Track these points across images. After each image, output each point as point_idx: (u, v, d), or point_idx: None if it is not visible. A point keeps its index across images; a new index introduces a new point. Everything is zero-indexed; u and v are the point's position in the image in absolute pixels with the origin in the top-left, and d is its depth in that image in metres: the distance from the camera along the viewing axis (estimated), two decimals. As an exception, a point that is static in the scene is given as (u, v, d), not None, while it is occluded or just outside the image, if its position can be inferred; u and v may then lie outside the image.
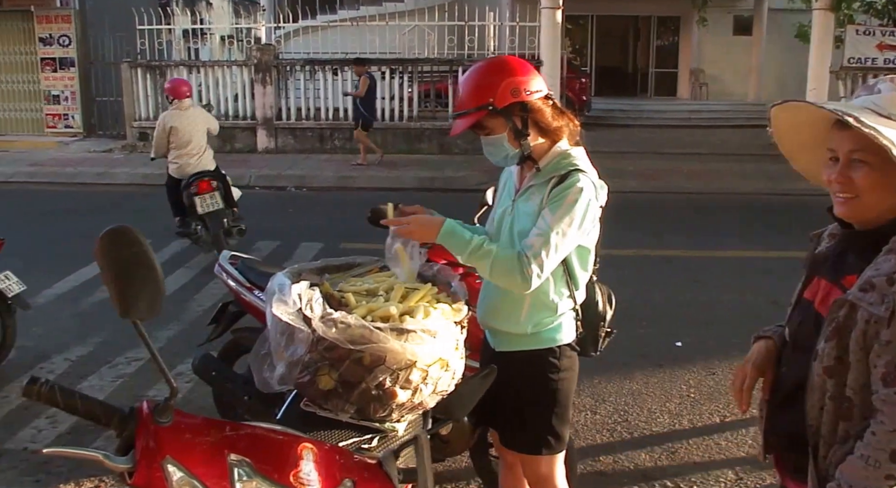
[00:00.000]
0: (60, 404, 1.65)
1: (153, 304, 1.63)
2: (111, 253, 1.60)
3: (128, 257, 1.59)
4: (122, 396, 4.99)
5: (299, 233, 9.16)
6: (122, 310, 1.61)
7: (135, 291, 1.60)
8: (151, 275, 1.62)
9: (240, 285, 4.14)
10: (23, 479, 4.05)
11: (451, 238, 2.46)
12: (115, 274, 1.60)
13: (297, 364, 2.17)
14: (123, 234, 1.61)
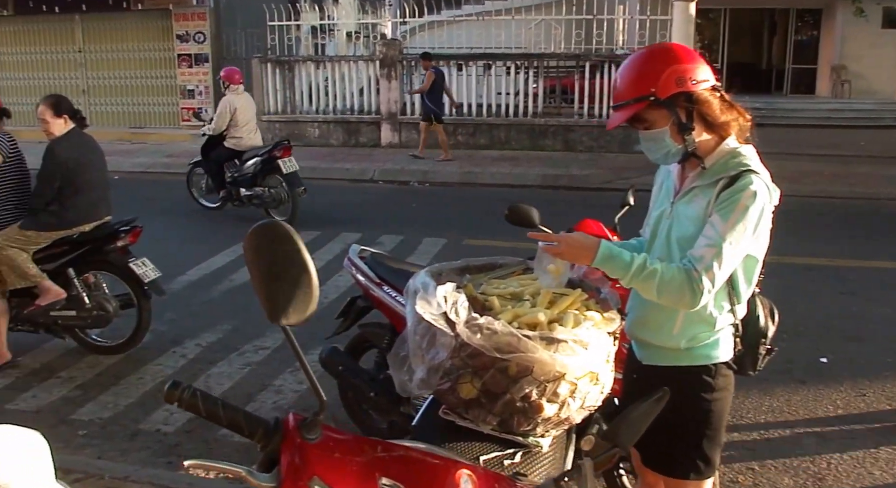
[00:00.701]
0: (202, 412, 1.56)
1: (305, 309, 1.51)
2: (261, 250, 1.50)
3: (279, 255, 1.49)
4: (249, 384, 5.05)
5: (422, 228, 9.14)
6: (271, 313, 1.51)
7: (286, 294, 1.49)
8: (304, 277, 1.50)
9: (369, 280, 4.09)
10: (155, 460, 4.14)
11: (610, 262, 2.24)
12: (264, 273, 1.50)
13: (437, 369, 2.07)
14: (275, 230, 1.49)
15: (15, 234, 5.20)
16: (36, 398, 4.91)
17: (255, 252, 1.51)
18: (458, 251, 8.01)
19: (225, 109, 9.79)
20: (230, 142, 9.84)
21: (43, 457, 1.82)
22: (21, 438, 1.78)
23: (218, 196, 10.08)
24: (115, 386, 5.06)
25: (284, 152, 9.50)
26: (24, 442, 1.79)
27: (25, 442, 1.79)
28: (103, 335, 5.72)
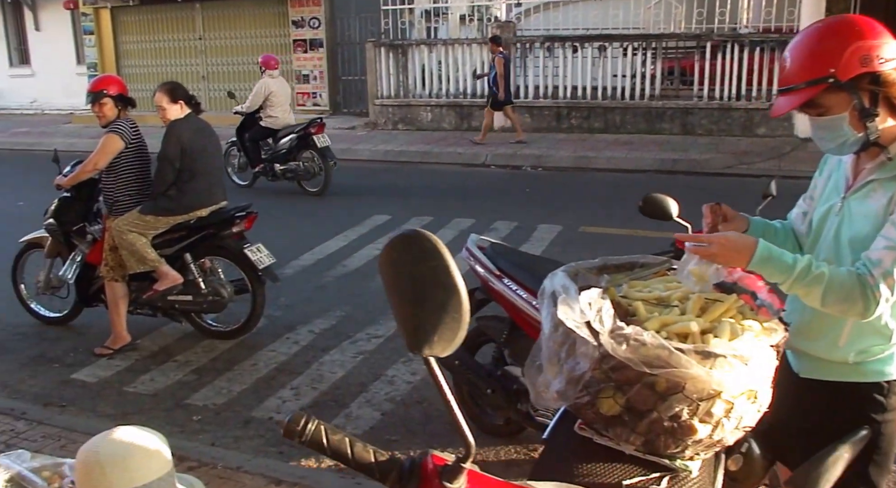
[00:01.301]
0: (327, 450, 1.36)
1: (452, 338, 1.25)
2: (401, 266, 1.26)
3: (423, 273, 1.24)
4: (361, 373, 4.96)
5: (536, 214, 8.90)
6: (412, 342, 1.27)
7: (430, 319, 1.24)
8: (453, 300, 1.24)
9: (488, 272, 3.91)
10: (268, 449, 4.09)
11: (769, 264, 1.98)
12: (404, 294, 1.26)
13: (577, 381, 1.87)
14: (419, 243, 1.24)
15: (135, 219, 5.25)
16: (153, 381, 4.96)
17: (394, 268, 1.27)
18: (575, 239, 7.75)
19: (260, 91, 10.62)
20: (267, 121, 10.70)
21: (165, 456, 1.80)
22: (144, 440, 1.77)
23: (251, 172, 10.94)
24: (229, 372, 5.06)
25: (318, 129, 10.34)
26: (148, 443, 1.77)
27: (149, 444, 1.77)
28: (218, 320, 5.75)
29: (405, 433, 4.23)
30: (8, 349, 5.54)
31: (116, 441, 1.75)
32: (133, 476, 1.73)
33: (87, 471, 1.73)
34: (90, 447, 1.76)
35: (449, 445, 4.08)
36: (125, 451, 1.74)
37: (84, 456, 1.75)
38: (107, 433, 1.79)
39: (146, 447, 1.77)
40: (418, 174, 12.14)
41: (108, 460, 1.72)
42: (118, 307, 5.45)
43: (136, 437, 1.78)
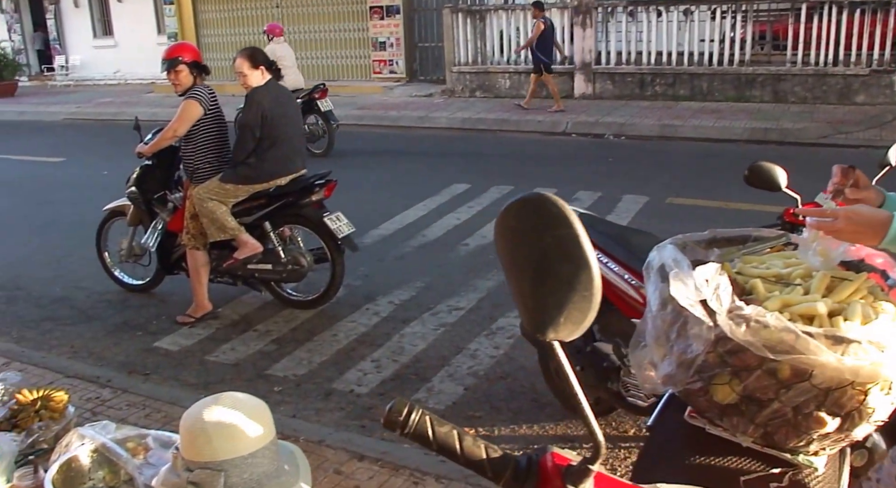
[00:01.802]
0: (433, 444, 1.20)
1: (581, 319, 1.06)
2: (522, 236, 1.07)
3: (548, 244, 1.05)
4: (443, 346, 4.86)
5: (621, 184, 8.62)
6: (533, 322, 1.08)
7: (556, 298, 1.06)
8: (582, 276, 1.05)
9: (577, 244, 3.74)
10: (349, 423, 4.03)
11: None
12: (525, 268, 1.07)
13: (689, 365, 1.70)
14: (544, 208, 1.05)
15: (215, 187, 5.23)
16: (234, 351, 4.96)
17: (512, 238, 1.08)
18: (662, 210, 7.48)
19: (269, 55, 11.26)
20: None
21: (269, 424, 1.75)
22: (250, 407, 1.72)
23: None
24: (309, 343, 5.02)
25: (322, 94, 11.04)
26: (253, 410, 1.72)
27: (254, 411, 1.72)
28: (297, 289, 5.71)
29: (489, 409, 4.11)
30: (93, 316, 5.62)
31: (222, 408, 1.70)
32: (238, 444, 1.67)
33: (192, 438, 1.68)
34: (196, 413, 1.70)
35: (534, 423, 3.95)
36: (231, 419, 1.68)
37: (189, 423, 1.69)
38: (212, 399, 1.73)
39: (252, 415, 1.71)
40: (496, 142, 11.95)
41: (214, 428, 1.66)
42: (199, 275, 5.46)
43: (241, 405, 1.72)
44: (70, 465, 2.57)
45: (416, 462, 3.44)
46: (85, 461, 2.62)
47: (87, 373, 4.45)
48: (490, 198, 8.26)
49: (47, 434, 3.61)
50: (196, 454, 1.67)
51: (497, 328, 5.07)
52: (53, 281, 6.36)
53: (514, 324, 5.10)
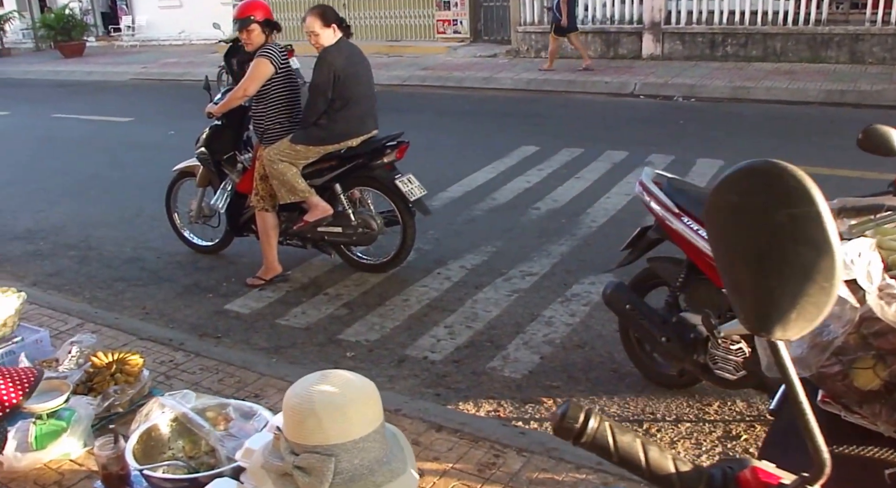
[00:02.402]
0: (614, 455, 1.05)
1: (815, 315, 0.89)
2: (748, 214, 0.90)
3: (783, 225, 0.88)
4: (517, 313, 4.73)
5: (693, 147, 8.32)
6: (757, 317, 0.92)
7: (788, 288, 0.89)
8: (822, 264, 0.87)
9: (666, 210, 3.55)
10: (424, 391, 3.93)
11: None
12: (748, 253, 0.91)
13: (825, 347, 1.53)
14: (780, 180, 0.88)
15: (285, 148, 5.14)
16: (305, 314, 4.89)
17: (734, 216, 0.92)
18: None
19: None
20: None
21: (379, 406, 1.67)
22: (361, 389, 1.63)
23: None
24: (380, 307, 4.93)
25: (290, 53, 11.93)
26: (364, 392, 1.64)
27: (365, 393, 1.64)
28: (367, 252, 5.62)
29: (567, 379, 3.98)
30: (164, 278, 5.62)
31: (331, 388, 1.59)
32: (350, 428, 1.57)
33: (299, 420, 1.57)
34: (303, 393, 1.59)
35: (615, 395, 3.81)
36: (342, 400, 1.57)
37: (296, 403, 1.58)
38: (319, 376, 1.63)
39: (362, 396, 1.61)
40: (563, 104, 11.66)
41: (324, 409, 1.56)
42: (269, 237, 5.40)
43: (351, 385, 1.62)
44: (150, 434, 2.51)
45: (495, 434, 3.32)
46: (164, 430, 2.56)
47: (159, 336, 4.42)
48: (560, 160, 8.05)
49: (123, 398, 3.59)
50: (304, 437, 1.55)
51: (572, 295, 4.92)
52: (124, 241, 6.39)
53: (590, 291, 4.94)
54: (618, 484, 2.94)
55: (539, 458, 3.13)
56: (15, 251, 6.29)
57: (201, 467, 2.43)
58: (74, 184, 8.30)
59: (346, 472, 1.55)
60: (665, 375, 3.84)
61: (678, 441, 3.42)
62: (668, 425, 3.55)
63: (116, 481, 2.41)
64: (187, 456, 2.53)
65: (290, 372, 3.97)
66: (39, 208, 7.40)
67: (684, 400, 3.74)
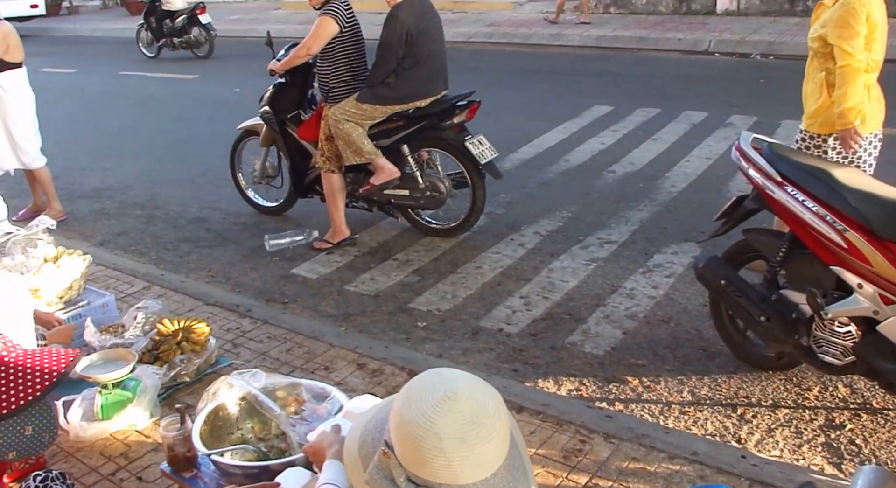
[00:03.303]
0: None
1: None
2: None
3: None
4: (596, 284, 4.49)
5: (776, 108, 7.85)
6: None
7: None
8: None
9: (767, 178, 3.25)
10: (500, 366, 3.73)
11: None
12: None
13: None
14: None
15: (351, 108, 4.93)
16: (374, 281, 4.72)
17: None
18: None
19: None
20: (166, 5, 13.99)
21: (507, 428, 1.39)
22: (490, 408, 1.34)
23: (156, 46, 14.41)
24: (452, 275, 4.73)
25: (202, 10, 13.67)
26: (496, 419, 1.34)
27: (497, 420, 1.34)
28: (435, 216, 5.42)
29: (653, 357, 3.74)
30: (230, 240, 5.50)
31: (462, 419, 1.30)
32: (483, 468, 1.31)
33: (422, 458, 1.31)
34: (425, 425, 1.31)
35: (705, 376, 3.57)
36: (476, 438, 1.30)
37: (418, 437, 1.30)
38: (442, 400, 1.32)
39: (496, 424, 1.33)
40: (634, 62, 11.20)
41: (454, 449, 1.29)
42: (335, 200, 5.23)
43: (483, 412, 1.32)
44: (217, 414, 2.36)
45: (580, 417, 3.12)
46: (233, 410, 2.41)
47: (226, 301, 4.30)
48: (635, 121, 7.70)
49: (189, 367, 3.47)
50: (428, 473, 1.31)
51: (654, 265, 4.65)
52: (190, 201, 6.29)
53: (672, 261, 4.68)
54: (716, 481, 2.72)
55: (628, 445, 2.92)
56: (83, 210, 6.24)
57: (271, 451, 2.28)
58: (141, 141, 8.25)
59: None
60: (760, 356, 3.57)
61: (776, 429, 3.17)
62: (765, 411, 3.29)
63: (183, 463, 2.28)
64: (257, 437, 2.38)
65: (360, 342, 3.82)
66: (107, 166, 7.35)
67: (781, 384, 3.47)
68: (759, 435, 3.13)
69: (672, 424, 3.22)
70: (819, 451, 3.03)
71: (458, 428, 1.30)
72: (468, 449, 1.29)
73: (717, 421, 3.24)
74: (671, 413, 3.30)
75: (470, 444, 1.30)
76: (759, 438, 3.12)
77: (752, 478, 2.75)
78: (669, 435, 3.06)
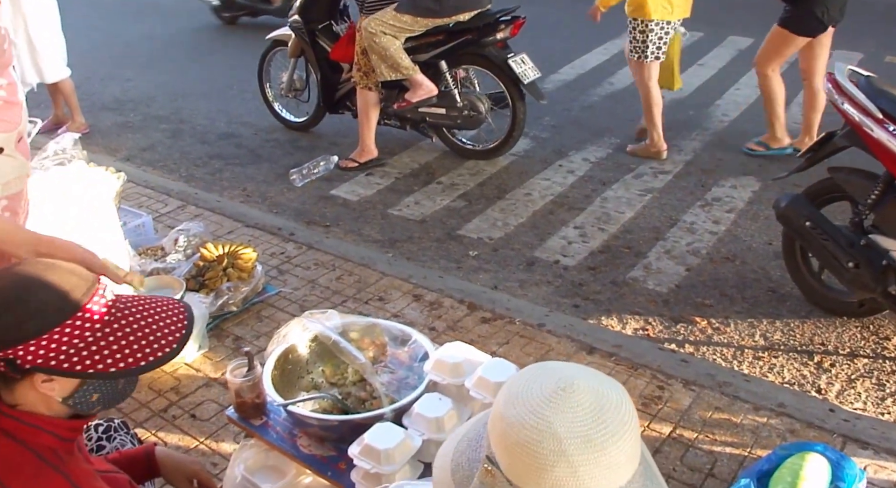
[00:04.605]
0: None
1: None
2: None
3: None
4: (653, 216, 4.27)
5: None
6: None
7: None
8: None
9: (865, 114, 3.00)
10: (560, 301, 3.53)
11: None
12: None
13: None
14: None
15: (389, 19, 4.61)
16: (419, 205, 4.50)
17: None
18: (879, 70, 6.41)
19: None
20: None
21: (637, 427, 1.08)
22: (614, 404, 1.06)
23: None
24: (500, 201, 4.50)
25: None
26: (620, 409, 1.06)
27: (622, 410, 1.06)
28: (472, 137, 5.16)
29: (719, 297, 3.54)
30: (263, 157, 5.24)
31: (584, 415, 1.04)
32: (615, 473, 1.03)
33: (539, 466, 1.02)
34: (539, 426, 1.03)
35: (776, 319, 3.38)
36: (602, 436, 1.02)
37: (531, 440, 1.02)
38: (554, 391, 1.06)
39: (625, 419, 1.05)
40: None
41: (580, 453, 1.01)
42: (368, 117, 4.97)
43: (607, 405, 1.05)
44: (287, 357, 2.17)
45: (655, 360, 2.95)
46: (303, 352, 2.22)
47: (267, 224, 4.09)
48: (679, 43, 7.34)
49: (236, 296, 3.28)
50: (548, 486, 1.03)
51: (712, 198, 4.43)
52: (217, 115, 6.00)
53: (731, 195, 4.45)
54: (807, 437, 2.56)
55: (710, 394, 2.76)
56: (105, 122, 5.95)
57: (348, 399, 2.10)
58: (160, 50, 7.88)
59: None
60: (836, 301, 3.38)
61: (856, 379, 3.00)
62: (843, 359, 3.12)
63: (252, 410, 2.10)
64: (328, 381, 2.19)
65: (413, 272, 3.63)
66: (127, 77, 7.01)
67: (857, 332, 3.29)
68: (839, 386, 2.96)
69: (747, 370, 3.05)
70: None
71: (581, 426, 1.04)
72: (596, 451, 1.03)
73: (793, 368, 3.07)
74: (745, 358, 3.13)
75: (597, 445, 1.03)
76: (839, 389, 2.95)
77: (844, 435, 2.59)
78: (751, 383, 2.88)
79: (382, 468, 1.76)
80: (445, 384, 1.96)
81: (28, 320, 1.28)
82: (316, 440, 2.01)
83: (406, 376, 2.07)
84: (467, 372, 1.95)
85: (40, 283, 1.32)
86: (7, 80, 1.93)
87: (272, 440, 2.04)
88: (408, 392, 2.00)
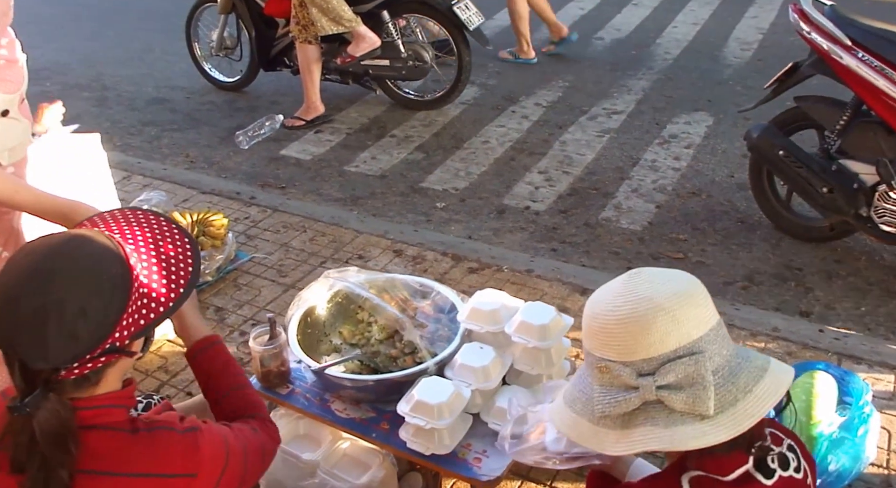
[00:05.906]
0: None
1: None
2: None
3: None
4: (615, 156, 4.28)
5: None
6: None
7: None
8: None
9: (834, 42, 3.03)
10: (537, 246, 3.50)
11: None
12: None
13: None
14: None
15: (328, -32, 4.44)
16: (376, 159, 4.39)
17: None
18: None
19: None
20: None
21: None
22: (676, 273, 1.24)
23: None
24: (459, 151, 4.43)
25: None
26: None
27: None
28: (416, 88, 5.06)
29: (692, 231, 3.58)
30: (201, 121, 5.01)
31: (661, 283, 1.19)
32: (706, 313, 1.17)
33: (641, 329, 1.14)
34: (631, 302, 1.16)
35: (750, 248, 3.44)
36: (684, 287, 1.19)
37: (629, 313, 1.15)
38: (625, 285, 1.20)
39: (690, 276, 1.23)
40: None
41: (673, 302, 1.15)
42: (311, 73, 4.79)
43: (673, 274, 1.22)
44: (306, 321, 2.08)
45: (650, 298, 2.96)
46: (322, 313, 2.13)
47: (224, 189, 3.93)
48: None
49: (211, 265, 3.13)
50: (655, 346, 1.14)
51: (669, 135, 4.46)
52: (142, 79, 5.70)
53: (687, 131, 4.49)
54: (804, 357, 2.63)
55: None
56: (21, 93, 5.58)
57: (377, 357, 2.03)
58: (65, 15, 7.39)
59: (723, 368, 1.16)
60: (804, 227, 3.46)
61: (836, 302, 3.08)
62: (821, 281, 3.20)
63: (276, 378, 2.01)
64: (347, 342, 2.12)
65: (388, 227, 3.54)
66: (33, 44, 6.49)
67: (828, 255, 3.37)
68: (820, 308, 3.04)
69: (737, 299, 3.10)
70: (882, 322, 2.96)
71: (662, 286, 1.18)
72: (683, 297, 1.16)
73: (776, 294, 3.13)
74: (728, 289, 3.17)
75: (683, 292, 1.17)
76: (820, 311, 3.03)
77: (839, 353, 2.67)
78: (741, 311, 2.93)
79: (437, 423, 1.71)
80: (483, 332, 1.91)
81: (111, 297, 1.18)
82: (351, 403, 1.94)
83: (436, 329, 2.01)
84: (504, 318, 1.90)
85: (97, 252, 1.22)
86: (7, 38, 1.78)
87: (304, 407, 1.96)
88: (442, 344, 1.95)
